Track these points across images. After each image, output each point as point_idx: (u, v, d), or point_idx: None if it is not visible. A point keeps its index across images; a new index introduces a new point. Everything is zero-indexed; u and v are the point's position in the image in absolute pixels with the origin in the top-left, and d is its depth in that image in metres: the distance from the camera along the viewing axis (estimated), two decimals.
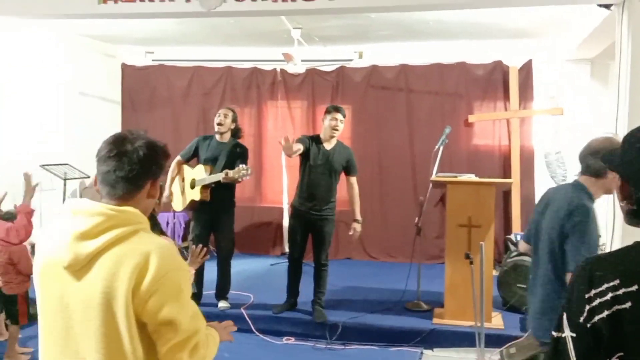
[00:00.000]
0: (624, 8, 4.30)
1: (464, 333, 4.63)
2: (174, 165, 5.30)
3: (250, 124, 7.96)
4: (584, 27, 5.77)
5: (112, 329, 1.53)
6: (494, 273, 5.33)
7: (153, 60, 8.09)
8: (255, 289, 5.81)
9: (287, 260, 5.38)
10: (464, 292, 4.66)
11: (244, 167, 4.81)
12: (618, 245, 3.69)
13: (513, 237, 5.65)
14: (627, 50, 4.26)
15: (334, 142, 5.10)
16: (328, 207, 5.07)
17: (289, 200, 6.65)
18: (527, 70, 7.18)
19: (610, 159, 1.40)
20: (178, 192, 5.33)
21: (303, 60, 6.73)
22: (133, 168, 1.61)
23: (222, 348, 1.78)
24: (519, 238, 5.43)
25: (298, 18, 5.97)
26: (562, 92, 7.08)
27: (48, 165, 6.23)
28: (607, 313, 1.19)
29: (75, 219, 1.57)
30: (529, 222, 2.89)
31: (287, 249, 7.54)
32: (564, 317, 1.26)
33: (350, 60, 7.56)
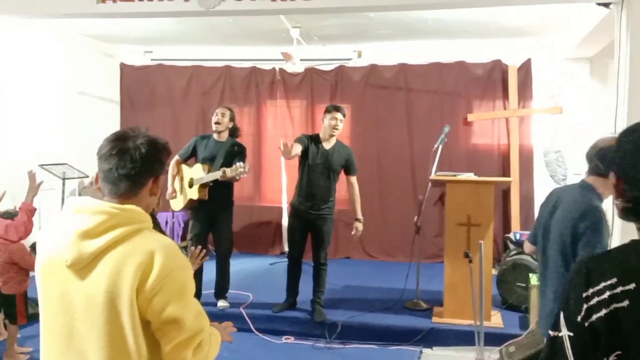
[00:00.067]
0: (623, 6, 4.30)
1: (464, 332, 4.63)
2: (173, 164, 5.30)
3: (250, 124, 7.96)
4: (583, 25, 5.77)
5: (116, 328, 1.52)
6: (493, 272, 5.33)
7: (152, 60, 8.09)
8: (255, 289, 5.80)
9: (286, 260, 5.38)
10: (463, 290, 4.66)
11: (242, 164, 4.80)
12: (617, 244, 3.70)
13: (512, 235, 5.65)
14: (626, 49, 4.26)
15: (334, 141, 5.10)
16: (327, 206, 5.06)
17: (288, 200, 6.65)
18: (526, 69, 7.18)
19: (605, 157, 1.40)
20: (177, 191, 5.33)
21: (302, 60, 6.73)
22: (135, 166, 1.61)
23: (221, 347, 1.78)
24: (524, 239, 5.42)
25: (297, 17, 5.97)
26: (561, 91, 7.07)
27: (47, 165, 6.23)
28: (605, 312, 1.19)
29: (78, 217, 1.57)
30: (535, 223, 2.85)
31: (286, 249, 7.54)
32: (561, 316, 1.26)
33: (349, 60, 7.56)
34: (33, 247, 4.79)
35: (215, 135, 5.28)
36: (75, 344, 1.57)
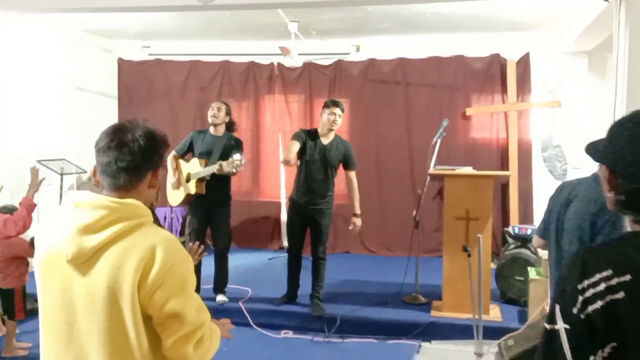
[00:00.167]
0: (622, 0, 4.29)
1: (462, 325, 4.64)
2: (171, 159, 5.29)
3: (248, 118, 7.94)
4: (582, 19, 5.76)
5: (117, 323, 1.52)
6: (492, 266, 5.33)
7: (150, 55, 8.06)
8: (253, 283, 5.81)
9: (285, 255, 5.38)
10: (462, 284, 4.67)
11: (238, 157, 4.79)
12: None
13: (511, 229, 5.64)
14: (624, 43, 4.25)
15: (332, 136, 5.09)
16: (325, 200, 5.06)
17: (287, 195, 6.65)
18: (524, 63, 7.17)
19: (595, 150, 1.38)
20: (182, 178, 5.30)
21: (300, 54, 6.70)
22: (134, 158, 1.59)
23: (220, 343, 1.78)
24: (523, 233, 5.43)
25: (295, 11, 5.95)
26: (559, 84, 7.07)
27: (45, 161, 6.21)
28: (600, 304, 1.19)
29: (78, 212, 1.56)
30: (545, 217, 2.79)
31: (285, 243, 7.56)
32: (557, 308, 1.25)
33: (348, 54, 7.54)
34: (32, 242, 4.78)
35: (212, 130, 5.27)
36: (76, 339, 1.56)
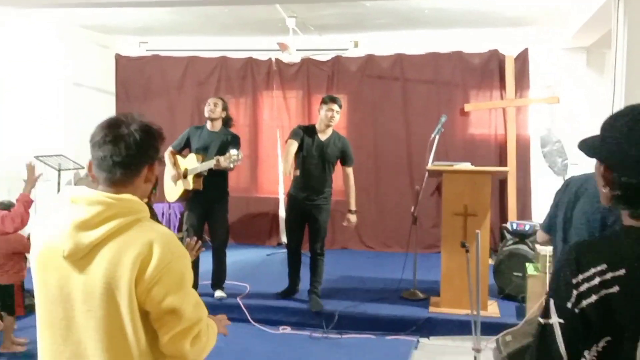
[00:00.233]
0: None
1: (460, 321, 4.64)
2: (168, 155, 5.28)
3: (246, 114, 7.93)
4: (580, 15, 5.75)
5: (114, 319, 1.51)
6: (490, 262, 5.34)
7: (147, 51, 8.04)
8: (252, 279, 5.80)
9: (283, 251, 5.38)
10: (460, 280, 4.67)
11: (235, 152, 4.78)
12: None
13: (509, 225, 5.64)
14: (623, 38, 4.25)
15: (330, 132, 5.08)
16: (322, 196, 5.06)
17: (285, 191, 6.65)
18: (523, 59, 7.15)
19: (589, 147, 1.37)
20: (171, 182, 5.30)
21: (298, 50, 6.69)
22: (130, 152, 1.58)
23: (218, 338, 1.78)
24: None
25: (293, 6, 5.93)
26: (558, 80, 7.06)
27: (42, 157, 6.20)
28: (595, 298, 1.18)
29: (74, 208, 1.55)
30: (551, 212, 2.75)
31: (283, 239, 7.56)
32: (551, 303, 1.25)
33: (346, 50, 7.52)
34: (29, 238, 4.77)
35: (209, 126, 5.26)
36: (74, 335, 1.56)
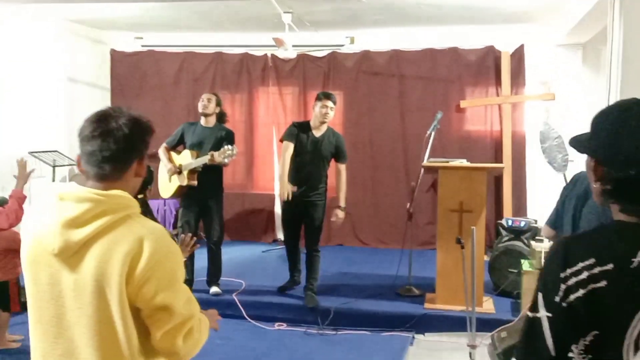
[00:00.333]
0: None
1: (456, 317, 4.65)
2: (163, 151, 5.26)
3: (241, 110, 7.91)
4: (576, 11, 5.75)
5: (105, 316, 1.51)
6: (485, 258, 5.34)
7: (142, 46, 8.00)
8: (247, 276, 5.80)
9: (279, 247, 5.39)
10: (456, 277, 4.67)
11: (230, 147, 4.77)
12: None
13: (504, 222, 5.65)
14: (618, 35, 4.25)
15: (324, 129, 5.09)
16: (317, 192, 5.07)
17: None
18: (519, 56, 7.16)
19: (579, 143, 1.38)
20: (165, 179, 5.28)
21: (294, 46, 6.67)
22: (119, 147, 1.55)
23: (213, 335, 1.77)
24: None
25: (288, 2, 5.92)
26: (554, 77, 7.06)
27: (37, 153, 6.18)
28: (582, 292, 1.19)
29: (63, 205, 1.53)
30: (558, 207, 2.72)
31: (278, 236, 7.57)
32: (539, 297, 1.25)
33: (342, 46, 7.51)
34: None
35: (203, 121, 5.25)
36: (65, 333, 1.55)
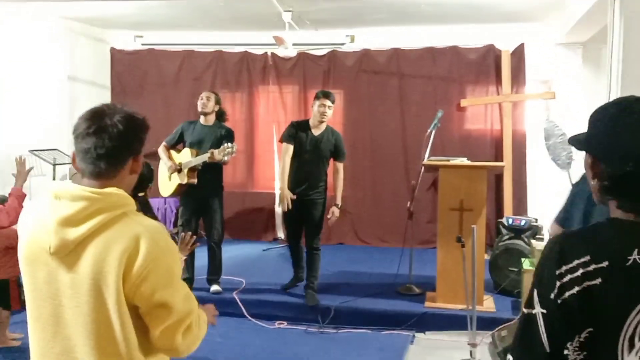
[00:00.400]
0: None
1: (456, 316, 4.65)
2: (162, 149, 5.27)
3: (242, 109, 7.91)
4: (576, 10, 5.75)
5: (102, 315, 1.50)
6: (486, 257, 5.35)
7: (143, 45, 8.00)
8: (248, 274, 5.80)
9: (279, 246, 5.39)
10: (456, 275, 4.67)
11: (229, 145, 4.77)
12: None
13: (505, 220, 5.65)
14: (618, 34, 4.25)
15: (323, 127, 5.10)
16: (317, 191, 5.08)
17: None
18: (519, 54, 7.15)
19: (577, 140, 1.39)
20: (165, 177, 5.29)
21: (294, 44, 6.67)
22: (113, 144, 1.54)
23: (213, 333, 1.78)
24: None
25: (289, 1, 5.92)
26: (554, 76, 7.06)
27: (37, 151, 6.18)
28: (577, 289, 1.19)
29: (58, 204, 1.53)
30: (568, 205, 2.69)
31: (279, 235, 7.58)
32: (535, 293, 1.26)
33: (342, 44, 7.51)
34: None
35: (202, 120, 5.25)
36: (62, 331, 1.55)
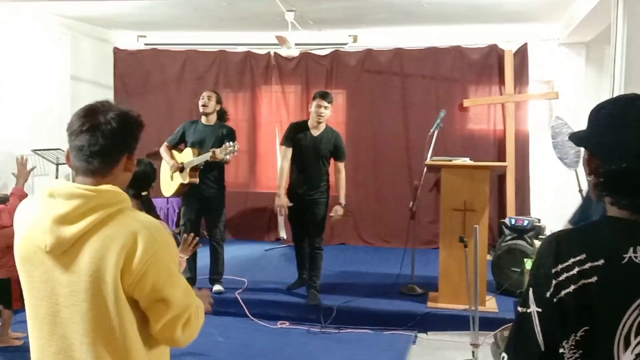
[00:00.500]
0: None
1: (458, 316, 4.65)
2: (164, 149, 5.27)
3: (244, 109, 7.91)
4: (580, 10, 5.74)
5: (100, 313, 1.50)
6: (488, 257, 5.35)
7: (145, 45, 8.01)
8: (250, 274, 5.80)
9: (281, 246, 5.39)
10: (458, 276, 4.67)
11: (231, 144, 4.77)
12: None
13: (507, 221, 5.64)
14: (622, 34, 4.24)
15: (322, 127, 5.11)
16: (319, 191, 5.09)
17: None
18: (522, 54, 7.14)
19: (576, 136, 1.40)
20: (167, 177, 5.29)
21: (297, 44, 6.67)
22: (107, 142, 1.54)
23: (215, 332, 1.78)
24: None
25: (292, 0, 5.91)
26: (557, 76, 7.05)
27: (40, 150, 6.19)
28: (573, 288, 1.19)
29: (53, 202, 1.52)
30: (584, 206, 2.68)
31: (281, 235, 7.58)
32: (530, 292, 1.26)
33: (345, 44, 7.50)
34: None
35: (204, 119, 5.26)
36: (59, 330, 1.55)
